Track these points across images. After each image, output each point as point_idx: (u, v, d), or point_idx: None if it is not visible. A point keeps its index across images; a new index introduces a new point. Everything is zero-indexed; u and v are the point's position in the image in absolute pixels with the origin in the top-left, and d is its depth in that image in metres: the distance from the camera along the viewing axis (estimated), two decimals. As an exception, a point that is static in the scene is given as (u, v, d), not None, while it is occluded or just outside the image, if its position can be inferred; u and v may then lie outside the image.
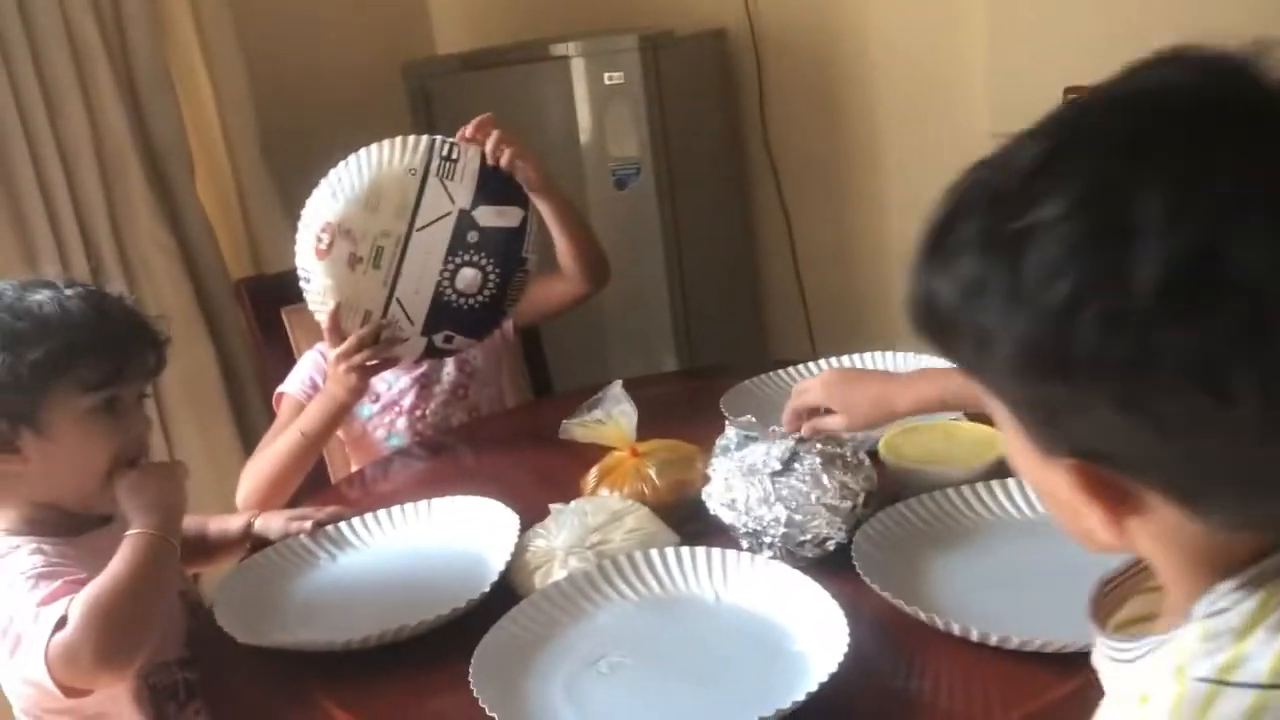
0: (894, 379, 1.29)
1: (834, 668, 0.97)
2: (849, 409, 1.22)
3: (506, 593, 1.20)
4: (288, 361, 1.96)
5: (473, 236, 1.62)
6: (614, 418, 1.35)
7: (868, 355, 1.72)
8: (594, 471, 1.38)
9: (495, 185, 1.63)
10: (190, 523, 1.45)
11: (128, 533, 1.14)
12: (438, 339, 1.66)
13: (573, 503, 1.31)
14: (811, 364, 1.74)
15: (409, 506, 1.42)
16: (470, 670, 1.04)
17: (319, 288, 1.61)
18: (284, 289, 1.99)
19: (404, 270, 1.61)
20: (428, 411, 1.82)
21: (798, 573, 1.13)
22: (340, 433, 1.82)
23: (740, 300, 2.94)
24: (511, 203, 1.64)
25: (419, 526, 1.41)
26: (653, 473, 1.34)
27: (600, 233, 1.82)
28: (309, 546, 1.38)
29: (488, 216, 1.63)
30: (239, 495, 1.63)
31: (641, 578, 1.19)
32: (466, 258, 1.63)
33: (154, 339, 1.24)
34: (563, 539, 1.23)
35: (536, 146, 1.67)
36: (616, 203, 2.51)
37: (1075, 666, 0.96)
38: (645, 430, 1.39)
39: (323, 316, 1.61)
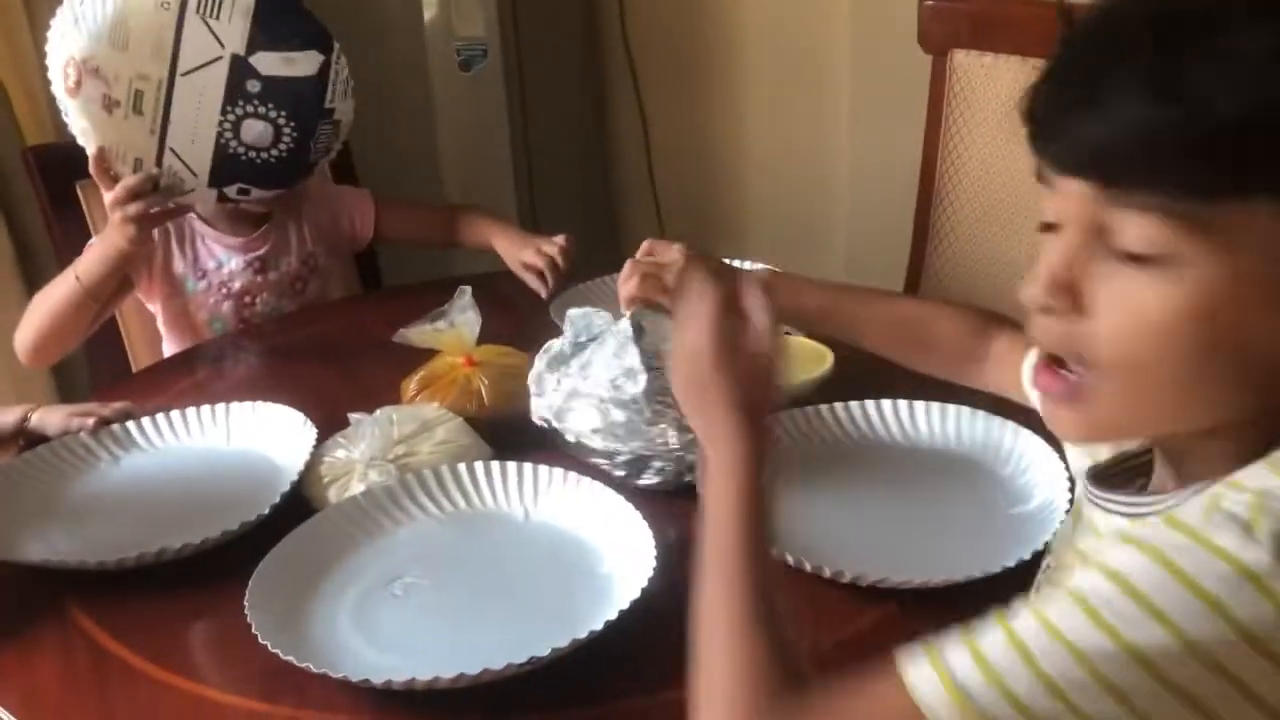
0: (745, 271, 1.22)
1: (636, 593, 0.92)
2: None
3: (302, 509, 1.11)
4: (83, 242, 1.79)
5: (253, 86, 1.42)
6: (456, 326, 1.25)
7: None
8: (415, 379, 1.28)
9: (278, 26, 1.41)
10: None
11: None
12: (230, 190, 1.49)
13: (378, 411, 1.22)
14: None
15: (205, 409, 1.30)
16: (246, 593, 0.96)
17: (77, 129, 1.44)
18: (81, 159, 1.82)
19: (173, 118, 1.42)
20: (258, 299, 1.68)
21: (612, 491, 1.07)
22: (157, 311, 1.68)
23: (592, 197, 2.85)
24: (304, 46, 1.43)
25: (213, 431, 1.29)
26: (484, 385, 1.25)
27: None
28: (89, 446, 1.26)
29: (271, 64, 1.42)
30: (16, 340, 1.52)
31: (447, 493, 1.12)
32: (249, 109, 1.43)
33: None
34: (362, 450, 1.14)
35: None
36: (461, 85, 2.37)
37: (881, 599, 0.95)
38: (482, 334, 1.29)
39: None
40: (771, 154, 2.65)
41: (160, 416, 1.30)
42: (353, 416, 1.20)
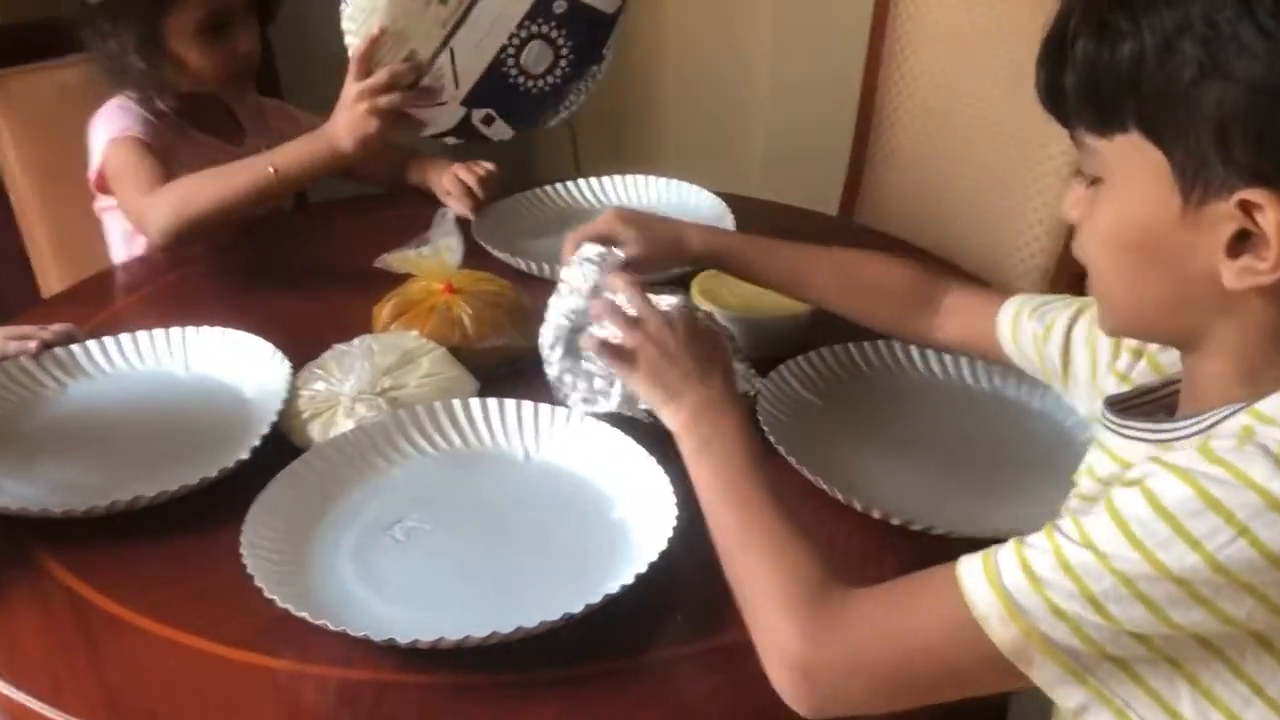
0: (681, 222, 1.17)
1: (662, 544, 0.89)
2: (643, 237, 1.09)
3: (280, 446, 1.04)
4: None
5: (560, 6, 1.35)
6: (439, 251, 1.17)
7: (630, 178, 1.63)
8: (388, 304, 1.21)
9: None
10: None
11: None
12: (477, 115, 1.38)
13: (356, 340, 1.14)
14: (574, 183, 1.64)
15: (159, 333, 1.20)
16: (241, 541, 0.89)
17: (367, 4, 1.29)
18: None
19: (471, 18, 1.31)
20: None
21: (617, 431, 1.03)
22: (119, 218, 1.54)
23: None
24: None
25: (168, 358, 1.20)
26: (467, 315, 1.18)
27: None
28: (31, 372, 1.15)
29: None
30: (153, 215, 1.36)
31: (442, 431, 1.06)
32: (545, 29, 1.35)
33: None
34: (351, 383, 1.07)
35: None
36: None
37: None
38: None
39: (354, 40, 1.30)
40: (688, 69, 2.58)
41: (109, 340, 1.20)
42: (336, 348, 1.13)
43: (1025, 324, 0.99)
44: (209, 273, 1.48)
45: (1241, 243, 0.64)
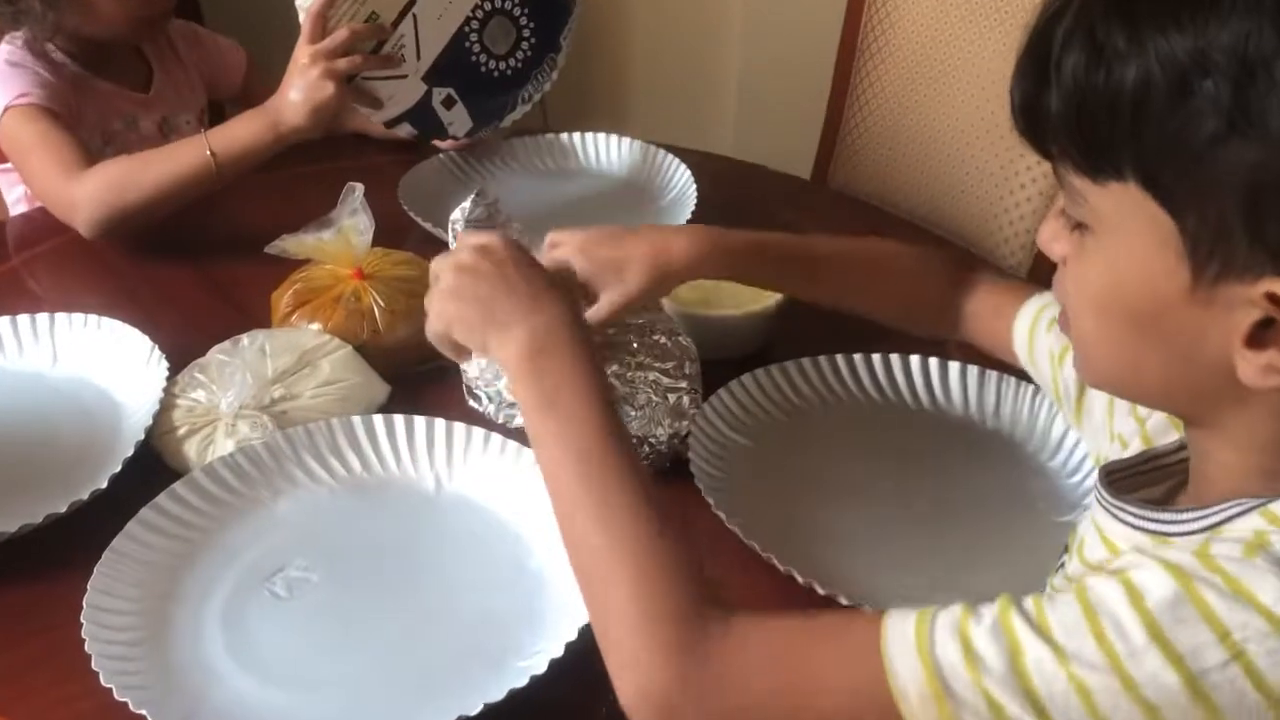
0: (657, 228, 0.99)
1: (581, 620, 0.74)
2: (623, 273, 0.87)
3: (147, 464, 0.89)
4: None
5: None
6: (344, 232, 1.01)
7: (593, 136, 1.46)
8: (289, 292, 1.05)
9: None
10: None
11: None
12: (438, 95, 1.28)
13: (245, 337, 0.98)
14: (531, 139, 1.46)
15: (23, 320, 1.04)
16: (82, 608, 0.74)
17: None
18: None
19: None
20: None
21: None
22: (15, 185, 1.37)
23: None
24: None
25: (35, 349, 1.04)
26: (377, 305, 1.02)
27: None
28: None
29: None
30: (79, 205, 1.18)
31: (339, 454, 0.91)
32: (508, 5, 1.31)
33: None
34: (232, 395, 0.91)
35: None
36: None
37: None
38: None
39: (308, 2, 1.16)
40: (657, 19, 2.38)
41: (-37, 329, 1.03)
42: (223, 345, 0.97)
43: (1042, 337, 0.85)
44: (90, 245, 1.27)
45: (1265, 331, 0.51)
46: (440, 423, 0.91)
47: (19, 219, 1.36)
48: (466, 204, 0.94)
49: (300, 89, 1.17)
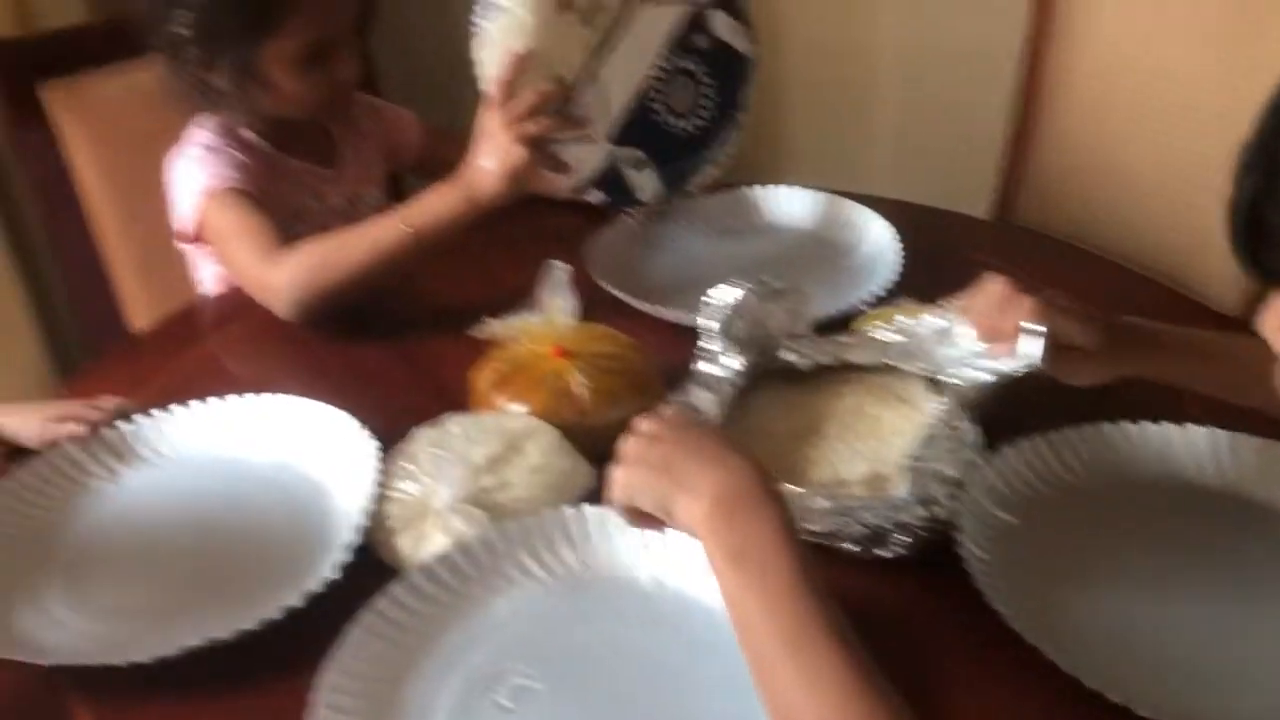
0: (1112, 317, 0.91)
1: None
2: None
3: (360, 557, 0.86)
4: (45, 155, 1.48)
5: (701, 41, 1.27)
6: (548, 315, 0.98)
7: (785, 189, 1.42)
8: (489, 370, 1.02)
9: (735, 2, 1.30)
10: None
11: None
12: (626, 156, 1.26)
13: (451, 421, 0.95)
14: (725, 193, 1.41)
15: (221, 405, 1.04)
16: (317, 715, 0.72)
17: (507, 25, 1.14)
18: (47, 57, 1.51)
19: (617, 45, 1.20)
20: None
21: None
22: (210, 264, 1.38)
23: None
24: (748, 30, 1.32)
25: (235, 436, 1.03)
26: (583, 386, 0.98)
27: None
28: (78, 461, 0.99)
29: (724, 27, 1.28)
30: (280, 287, 1.19)
31: (554, 550, 0.87)
32: (688, 64, 1.28)
33: None
34: (445, 490, 0.88)
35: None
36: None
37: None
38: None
39: (491, 68, 1.15)
40: (801, 45, 2.32)
41: (164, 416, 1.03)
42: (418, 431, 0.94)
43: None
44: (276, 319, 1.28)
45: None
46: (657, 514, 0.86)
47: (213, 299, 1.37)
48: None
49: (492, 155, 1.15)
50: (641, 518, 0.73)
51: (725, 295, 0.94)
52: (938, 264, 1.27)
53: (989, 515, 0.87)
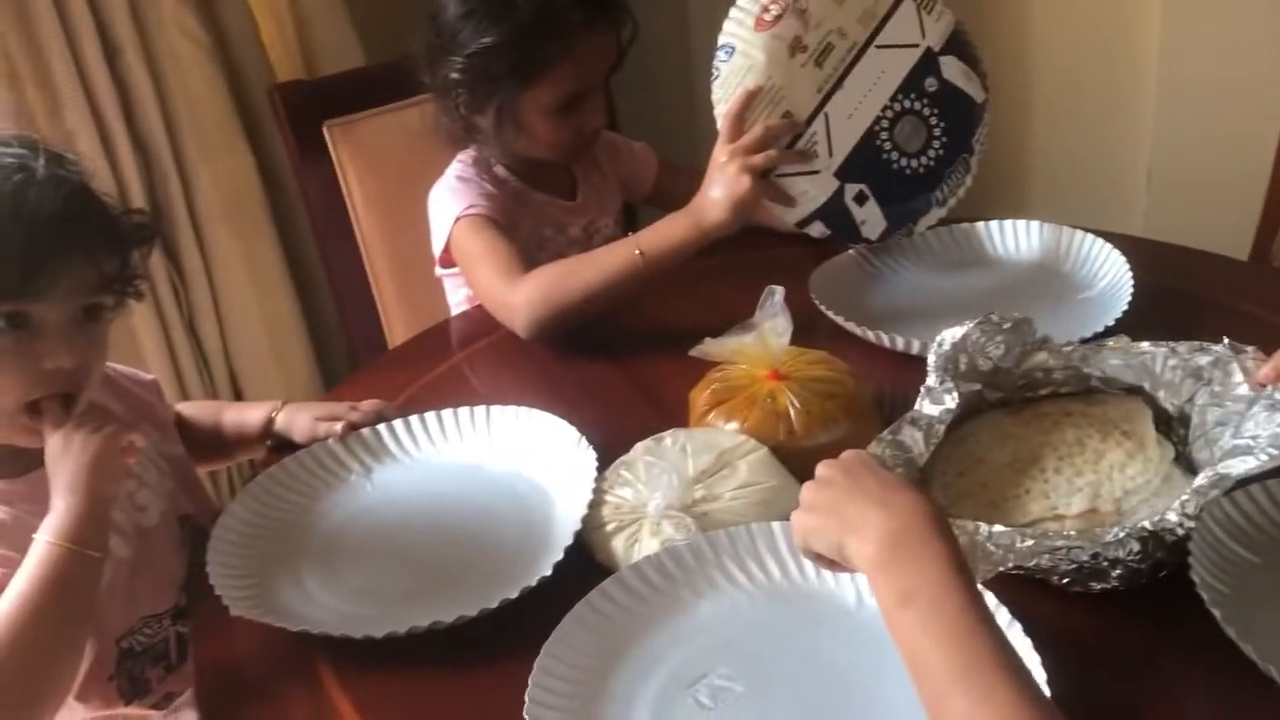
0: None
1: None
2: None
3: (570, 555, 0.92)
4: (328, 187, 1.65)
5: (931, 84, 1.32)
6: (763, 335, 1.02)
7: (1011, 223, 1.41)
8: (707, 391, 1.06)
9: (966, 47, 1.35)
10: (203, 411, 1.19)
11: (36, 535, 0.85)
12: (850, 191, 1.31)
13: (668, 436, 1.01)
14: (933, 233, 1.40)
15: (464, 414, 1.13)
16: (526, 699, 0.77)
17: (741, 66, 1.24)
18: (329, 98, 1.68)
19: (847, 84, 1.27)
20: None
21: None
22: (460, 289, 1.50)
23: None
24: (979, 74, 1.36)
25: (474, 441, 1.12)
26: (794, 408, 1.01)
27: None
28: (339, 456, 1.10)
29: (954, 71, 1.33)
30: (521, 308, 1.27)
31: (759, 559, 0.90)
32: (918, 106, 1.32)
33: (109, 244, 0.91)
34: (659, 497, 0.93)
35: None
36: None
37: None
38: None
39: (724, 106, 1.24)
40: (1054, 74, 2.25)
41: (415, 421, 1.13)
42: (646, 444, 1.00)
43: None
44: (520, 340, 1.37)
45: None
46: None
47: (460, 318, 1.49)
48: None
49: (720, 185, 1.21)
50: (823, 560, 0.75)
51: (952, 334, 0.95)
52: (1176, 303, 1.23)
53: (1226, 549, 0.85)
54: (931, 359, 0.93)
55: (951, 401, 0.89)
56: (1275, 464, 0.77)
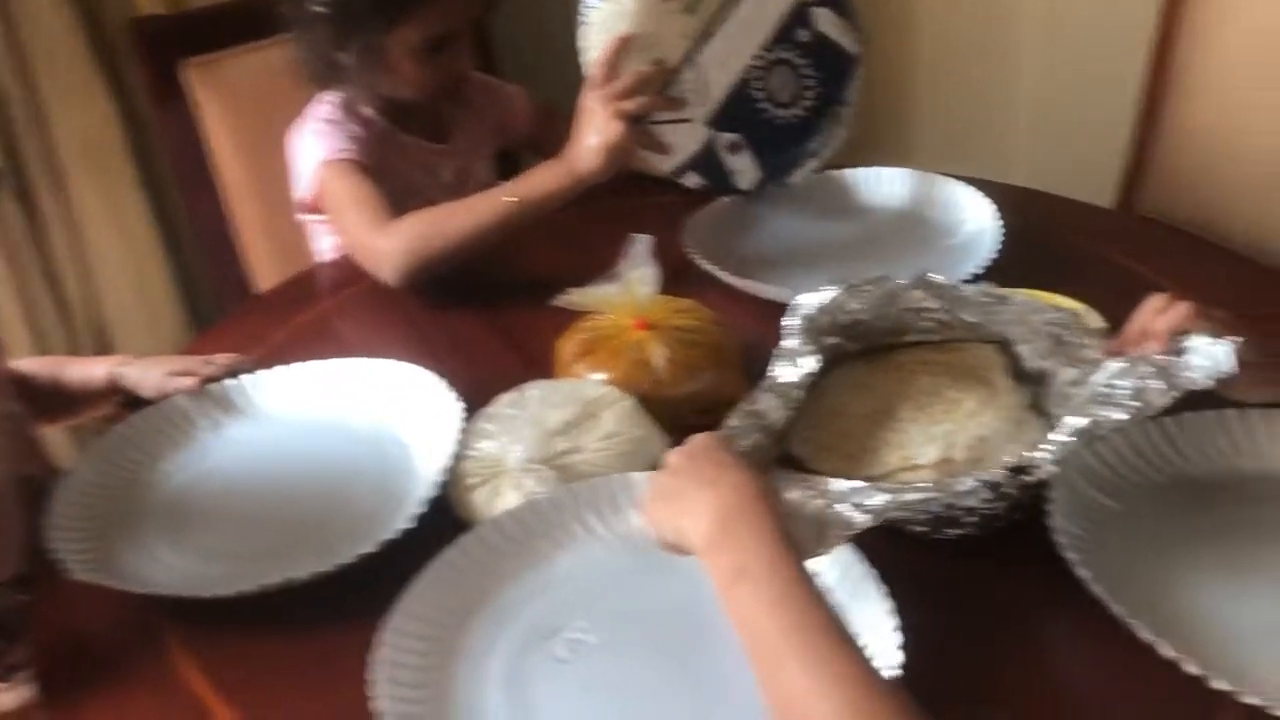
0: None
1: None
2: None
3: (437, 512, 0.90)
4: (185, 128, 1.58)
5: (803, 35, 1.30)
6: (629, 284, 1.01)
7: (888, 170, 1.41)
8: (574, 340, 1.05)
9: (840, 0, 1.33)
10: (44, 367, 1.14)
11: None
12: (722, 140, 1.29)
13: (530, 388, 0.99)
14: (827, 174, 1.41)
15: (322, 366, 1.09)
16: (377, 655, 0.76)
17: (611, 11, 1.19)
18: (192, 34, 1.60)
19: (719, 33, 1.23)
20: None
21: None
22: (327, 236, 1.45)
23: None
24: (854, 28, 1.33)
25: (332, 394, 1.08)
26: (661, 358, 1.00)
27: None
28: (188, 413, 1.06)
29: (827, 23, 1.31)
30: (387, 254, 1.24)
31: (621, 512, 0.89)
32: (789, 56, 1.30)
33: None
34: (519, 450, 0.92)
35: None
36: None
37: None
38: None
39: (594, 53, 1.20)
40: (939, 27, 2.27)
41: (271, 375, 1.09)
42: (510, 395, 0.98)
43: None
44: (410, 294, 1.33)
45: None
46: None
47: (328, 265, 1.44)
48: None
49: (592, 132, 1.19)
50: (675, 549, 0.75)
51: (810, 297, 0.94)
52: (1043, 251, 1.25)
53: (1086, 496, 0.86)
54: (790, 322, 0.92)
55: (811, 364, 0.88)
56: (1140, 417, 0.77)
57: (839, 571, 0.79)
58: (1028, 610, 0.82)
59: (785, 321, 0.92)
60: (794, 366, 0.88)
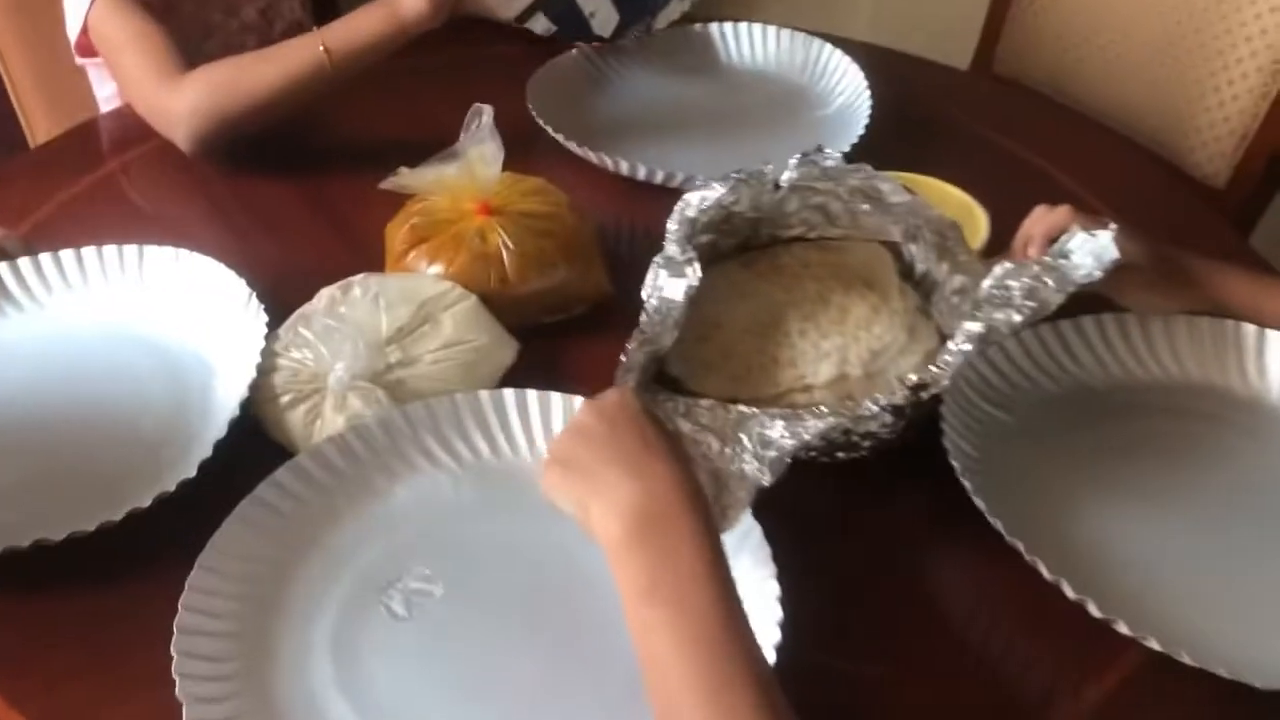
0: (1184, 255, 0.85)
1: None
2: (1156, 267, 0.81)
3: (243, 430, 0.76)
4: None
5: None
6: (470, 163, 0.86)
7: (749, 26, 1.27)
8: (406, 226, 0.90)
9: None
10: None
11: None
12: None
13: (357, 284, 0.85)
14: (687, 28, 1.27)
15: (109, 252, 0.91)
16: (177, 620, 0.63)
17: None
18: None
19: None
20: None
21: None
22: (108, 81, 1.23)
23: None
24: None
25: (115, 290, 0.91)
26: (507, 248, 0.87)
27: None
28: (-61, 307, 0.88)
29: None
30: (180, 119, 1.05)
31: (466, 436, 0.78)
32: None
33: None
34: (342, 367, 0.78)
35: None
36: None
37: None
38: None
39: None
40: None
41: (40, 261, 0.91)
42: (323, 292, 0.84)
43: None
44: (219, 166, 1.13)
45: None
46: (581, 401, 0.77)
47: (111, 116, 1.23)
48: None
49: None
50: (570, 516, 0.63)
51: (698, 197, 0.80)
52: (912, 126, 1.16)
53: (978, 410, 0.80)
54: (673, 225, 0.79)
55: (695, 275, 0.75)
56: (1035, 319, 0.71)
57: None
58: (920, 534, 0.77)
59: (670, 223, 0.79)
60: (677, 276, 0.75)
